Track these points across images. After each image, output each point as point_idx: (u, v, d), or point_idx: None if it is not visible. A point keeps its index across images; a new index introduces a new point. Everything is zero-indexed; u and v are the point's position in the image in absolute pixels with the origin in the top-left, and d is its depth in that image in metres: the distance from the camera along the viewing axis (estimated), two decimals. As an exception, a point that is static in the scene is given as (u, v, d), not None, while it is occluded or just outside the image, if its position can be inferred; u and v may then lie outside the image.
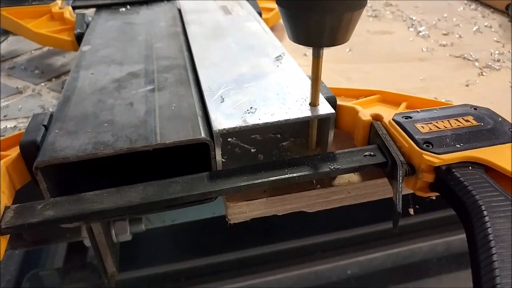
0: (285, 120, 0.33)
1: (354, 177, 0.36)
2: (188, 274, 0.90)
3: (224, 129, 0.32)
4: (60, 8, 0.62)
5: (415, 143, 0.32)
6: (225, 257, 0.92)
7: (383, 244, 0.96)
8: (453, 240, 0.97)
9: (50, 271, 0.84)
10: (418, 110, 0.36)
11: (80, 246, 0.84)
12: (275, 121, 0.33)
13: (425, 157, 0.31)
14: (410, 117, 0.35)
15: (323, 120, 0.35)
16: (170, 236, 0.94)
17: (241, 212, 0.34)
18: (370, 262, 0.96)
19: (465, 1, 0.82)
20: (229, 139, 0.38)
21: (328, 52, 0.31)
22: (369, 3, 0.83)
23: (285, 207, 0.34)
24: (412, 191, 0.34)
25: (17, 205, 0.29)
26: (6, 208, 0.28)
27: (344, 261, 0.94)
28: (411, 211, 0.39)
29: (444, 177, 0.30)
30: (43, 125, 0.35)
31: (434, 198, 0.36)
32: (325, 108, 0.34)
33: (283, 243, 0.95)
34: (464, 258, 0.95)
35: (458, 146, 0.31)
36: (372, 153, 0.34)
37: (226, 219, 0.34)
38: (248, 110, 0.35)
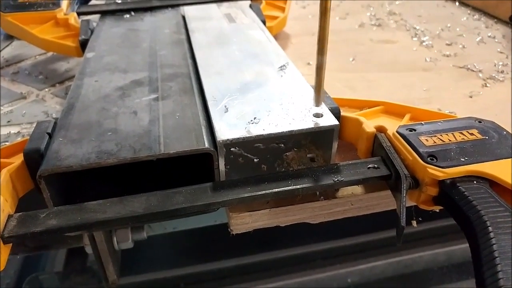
0: (288, 131, 0.33)
1: (357, 189, 0.35)
2: (188, 280, 0.90)
3: (228, 139, 0.32)
4: (65, 14, 0.62)
5: (419, 156, 0.32)
6: (225, 264, 0.92)
7: (384, 253, 0.96)
8: (454, 250, 0.97)
9: (50, 274, 0.84)
10: (422, 122, 0.36)
11: (80, 251, 0.84)
12: (279, 132, 0.33)
13: (429, 170, 0.31)
14: (414, 130, 0.35)
15: (327, 132, 0.35)
16: (170, 242, 0.94)
17: (243, 222, 0.34)
18: (371, 270, 0.96)
19: (469, 11, 0.82)
20: (232, 149, 0.38)
21: (331, 61, 0.31)
22: (372, 12, 0.83)
23: (288, 218, 0.34)
24: (415, 204, 0.34)
25: (20, 213, 0.29)
26: (9, 216, 0.28)
27: (345, 269, 0.94)
28: (414, 223, 0.38)
29: (448, 191, 0.30)
30: (47, 133, 0.35)
31: (437, 211, 0.36)
32: (329, 119, 0.34)
33: (284, 250, 0.94)
34: (466, 267, 0.95)
35: (463, 160, 0.31)
36: (376, 165, 0.34)
37: (229, 230, 0.34)
38: (251, 120, 0.35)
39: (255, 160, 0.37)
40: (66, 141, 0.34)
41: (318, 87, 0.33)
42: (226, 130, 0.33)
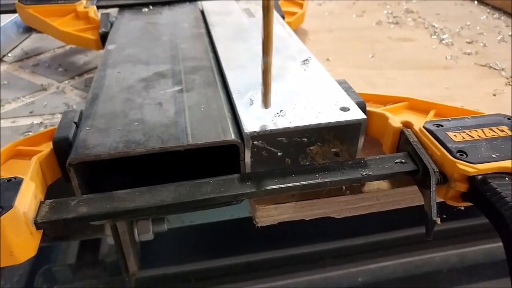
0: (316, 124, 0.33)
1: (383, 184, 0.35)
2: (198, 276, 0.90)
3: (255, 131, 0.32)
4: (85, 7, 0.63)
5: (448, 152, 0.31)
6: (235, 260, 0.92)
7: (395, 253, 0.95)
8: (466, 252, 0.96)
9: (62, 267, 0.85)
10: (449, 118, 0.36)
11: (92, 244, 0.84)
12: (306, 125, 0.33)
13: (459, 166, 0.30)
14: (442, 125, 0.35)
15: (354, 126, 0.34)
16: (181, 237, 0.94)
17: (269, 215, 0.34)
18: (381, 270, 0.95)
19: (488, 10, 0.81)
20: (255, 142, 0.38)
21: (350, 58, 0.31)
22: (389, 10, 0.83)
23: (314, 212, 0.34)
24: (442, 200, 0.33)
25: (51, 200, 0.29)
26: (41, 203, 0.29)
27: (355, 268, 0.94)
28: (438, 220, 0.38)
29: (479, 187, 0.29)
30: (74, 122, 0.35)
31: (462, 208, 0.36)
32: (356, 113, 0.34)
33: (294, 248, 0.94)
34: (475, 270, 0.94)
35: (494, 156, 0.30)
36: (403, 160, 0.33)
37: (254, 222, 0.34)
38: (277, 113, 0.34)
39: (279, 153, 0.37)
40: (93, 130, 0.34)
41: (266, 89, 0.32)
42: (252, 123, 0.33)
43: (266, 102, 0.33)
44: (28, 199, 0.27)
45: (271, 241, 0.93)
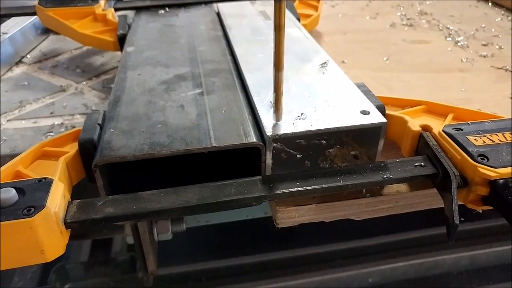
0: (337, 127, 0.33)
1: (402, 186, 0.36)
2: (210, 275, 0.91)
3: (277, 134, 0.33)
4: (103, 9, 0.64)
5: (468, 156, 0.32)
6: (247, 260, 0.92)
7: (406, 254, 0.95)
8: (477, 254, 0.96)
9: (75, 264, 0.86)
10: (469, 122, 0.36)
11: (104, 243, 0.85)
12: (327, 128, 0.33)
13: (480, 170, 0.30)
14: (461, 129, 0.35)
15: (374, 129, 0.35)
16: (193, 236, 0.95)
17: (290, 217, 0.34)
18: (392, 271, 0.95)
19: (502, 12, 0.81)
20: (274, 145, 0.39)
21: (366, 60, 0.30)
22: (403, 12, 0.83)
23: (334, 214, 0.35)
24: (461, 204, 0.34)
25: (78, 200, 0.30)
26: (69, 203, 0.29)
27: (366, 269, 0.94)
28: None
29: (501, 191, 0.29)
30: (98, 124, 0.36)
31: (480, 211, 0.36)
32: (377, 117, 0.34)
33: (305, 248, 0.95)
34: (486, 273, 0.93)
35: (515, 160, 0.31)
36: (422, 163, 0.34)
37: (274, 223, 0.35)
38: (298, 116, 0.35)
39: (298, 156, 0.38)
40: (117, 132, 0.35)
41: (277, 102, 0.33)
42: (274, 125, 0.34)
43: (278, 115, 0.34)
44: (58, 199, 0.28)
45: (283, 241, 0.94)
